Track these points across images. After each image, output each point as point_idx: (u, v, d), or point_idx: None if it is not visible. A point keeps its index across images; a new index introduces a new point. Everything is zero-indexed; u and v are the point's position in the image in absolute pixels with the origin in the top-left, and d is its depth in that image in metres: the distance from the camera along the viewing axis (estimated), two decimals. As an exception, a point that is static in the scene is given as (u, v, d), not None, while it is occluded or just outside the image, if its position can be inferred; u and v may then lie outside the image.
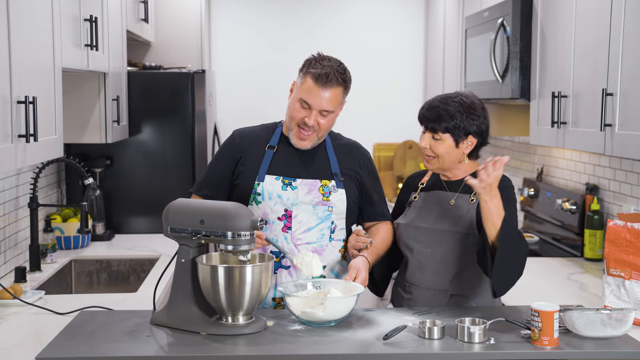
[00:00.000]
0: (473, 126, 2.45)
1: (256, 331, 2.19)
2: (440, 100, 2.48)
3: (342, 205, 2.56)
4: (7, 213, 3.13)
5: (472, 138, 2.47)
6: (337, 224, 2.58)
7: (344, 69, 2.51)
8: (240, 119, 5.64)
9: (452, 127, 2.43)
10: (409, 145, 5.75)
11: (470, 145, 2.48)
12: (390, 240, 2.63)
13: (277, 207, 2.53)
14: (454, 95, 2.49)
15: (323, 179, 2.56)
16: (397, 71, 5.81)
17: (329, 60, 2.50)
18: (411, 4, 5.79)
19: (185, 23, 5.00)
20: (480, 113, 2.47)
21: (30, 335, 2.31)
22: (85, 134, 3.59)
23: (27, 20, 2.42)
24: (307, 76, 2.47)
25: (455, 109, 2.44)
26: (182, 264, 2.27)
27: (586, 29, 2.82)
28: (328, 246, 2.56)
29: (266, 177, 2.54)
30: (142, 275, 3.50)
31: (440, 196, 2.54)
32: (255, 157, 2.58)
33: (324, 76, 2.44)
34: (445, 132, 2.44)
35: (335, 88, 2.47)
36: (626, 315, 2.14)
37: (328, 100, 2.46)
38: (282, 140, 2.60)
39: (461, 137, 2.45)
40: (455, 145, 2.46)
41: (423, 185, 2.62)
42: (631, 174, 3.14)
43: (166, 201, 2.39)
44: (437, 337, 2.13)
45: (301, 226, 2.53)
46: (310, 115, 2.47)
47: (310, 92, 2.46)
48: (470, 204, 2.47)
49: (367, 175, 2.64)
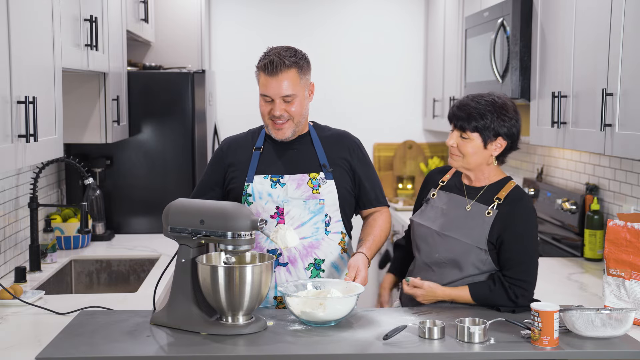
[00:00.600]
0: (503, 128, 2.37)
1: (256, 331, 2.19)
2: (472, 99, 2.40)
3: (333, 197, 2.56)
4: (7, 213, 3.13)
5: (502, 140, 2.39)
6: (332, 217, 2.57)
7: (293, 51, 2.52)
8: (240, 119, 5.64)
9: (481, 127, 2.36)
10: (409, 145, 5.75)
11: (499, 148, 2.40)
12: (388, 229, 2.63)
13: (268, 205, 2.54)
14: (487, 94, 2.42)
15: (311, 172, 2.57)
16: (397, 71, 5.80)
17: (274, 49, 2.54)
18: (411, 4, 5.79)
19: (185, 23, 5.00)
20: (512, 115, 2.39)
21: (30, 335, 2.31)
22: (85, 134, 3.59)
23: (27, 20, 2.42)
24: (260, 71, 2.52)
25: (486, 108, 2.36)
26: (182, 264, 2.27)
27: (586, 29, 2.82)
28: (325, 239, 2.56)
29: (255, 177, 2.56)
30: (142, 275, 3.50)
31: (458, 200, 2.48)
32: (243, 160, 2.61)
33: (269, 64, 2.48)
34: (473, 132, 2.37)
35: (286, 71, 2.48)
36: (626, 315, 2.14)
37: (284, 86, 2.48)
38: (267, 140, 2.63)
39: (490, 138, 2.37)
40: (484, 146, 2.38)
41: (443, 184, 2.55)
42: (631, 174, 3.14)
43: (166, 201, 2.39)
44: (437, 337, 2.13)
45: (294, 222, 2.53)
46: (275, 106, 2.50)
47: (264, 85, 2.50)
48: (486, 217, 2.39)
49: (358, 162, 2.64)
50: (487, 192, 2.44)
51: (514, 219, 2.37)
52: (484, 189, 2.45)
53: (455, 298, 2.42)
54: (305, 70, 2.53)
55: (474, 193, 2.47)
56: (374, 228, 2.60)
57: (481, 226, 2.39)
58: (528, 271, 2.37)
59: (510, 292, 2.35)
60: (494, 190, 2.44)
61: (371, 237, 2.58)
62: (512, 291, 2.35)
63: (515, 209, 2.38)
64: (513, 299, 2.35)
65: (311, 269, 2.55)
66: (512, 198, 2.40)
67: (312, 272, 2.55)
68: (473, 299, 2.39)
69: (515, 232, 2.36)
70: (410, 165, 5.75)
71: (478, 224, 2.40)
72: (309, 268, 2.55)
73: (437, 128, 5.29)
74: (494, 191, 2.43)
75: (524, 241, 2.37)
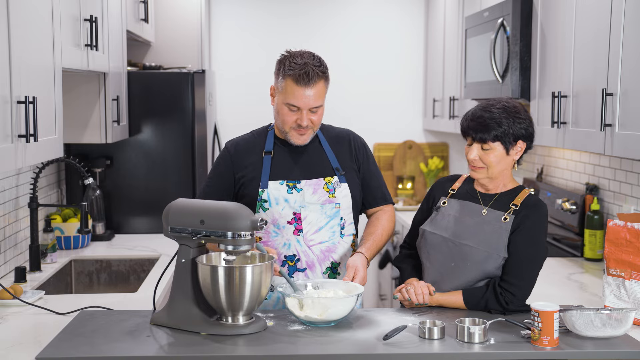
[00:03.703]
0: (521, 130, 2.35)
1: (256, 331, 2.19)
2: (483, 109, 2.36)
3: (348, 201, 2.57)
4: (7, 213, 3.14)
5: (522, 143, 2.37)
6: (346, 219, 2.58)
7: (319, 60, 2.48)
8: (240, 118, 5.65)
9: (501, 135, 2.32)
10: (409, 145, 5.75)
11: (519, 151, 2.38)
12: (390, 228, 2.62)
13: (285, 211, 2.52)
14: (495, 101, 2.38)
15: (326, 177, 2.56)
16: (397, 71, 5.80)
17: (301, 56, 2.47)
18: (411, 4, 5.79)
19: (185, 23, 5.00)
20: (525, 116, 2.37)
21: (30, 335, 2.31)
22: (85, 134, 3.59)
23: (27, 20, 2.42)
24: (287, 79, 2.44)
25: (501, 115, 2.33)
26: (182, 264, 2.27)
27: (586, 29, 2.82)
28: (340, 242, 2.57)
29: (269, 183, 2.53)
30: (142, 275, 3.50)
31: (472, 208, 2.44)
32: (253, 165, 2.57)
33: (305, 75, 2.42)
34: (495, 141, 2.33)
35: (318, 83, 2.45)
36: (626, 315, 2.14)
37: (314, 97, 2.45)
38: (277, 143, 2.60)
39: (511, 144, 2.34)
40: (506, 153, 2.35)
41: (454, 192, 2.51)
42: (631, 174, 3.15)
43: (166, 201, 2.38)
44: (437, 337, 2.13)
45: (312, 227, 2.53)
46: (302, 116, 2.46)
47: (294, 95, 2.44)
48: (503, 223, 2.36)
49: (364, 161, 2.64)
50: (501, 198, 2.42)
51: (527, 224, 2.35)
52: (497, 196, 2.43)
53: (445, 304, 2.40)
54: (329, 79, 2.52)
55: (488, 200, 2.43)
56: (375, 228, 2.60)
57: (498, 233, 2.35)
58: (525, 276, 2.33)
59: (501, 298, 2.32)
60: (509, 196, 2.41)
61: (372, 237, 2.57)
62: (504, 298, 2.32)
63: (531, 214, 2.36)
64: (503, 305, 2.33)
65: (328, 273, 2.56)
66: (528, 204, 2.38)
67: (329, 275, 2.55)
68: (465, 303, 2.37)
69: (526, 236, 2.34)
70: (410, 165, 5.75)
71: (495, 231, 2.36)
72: (326, 272, 2.55)
73: (437, 128, 5.29)
74: (509, 198, 2.41)
75: (532, 246, 2.35)
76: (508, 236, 2.34)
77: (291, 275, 2.53)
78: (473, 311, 2.37)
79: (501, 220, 2.37)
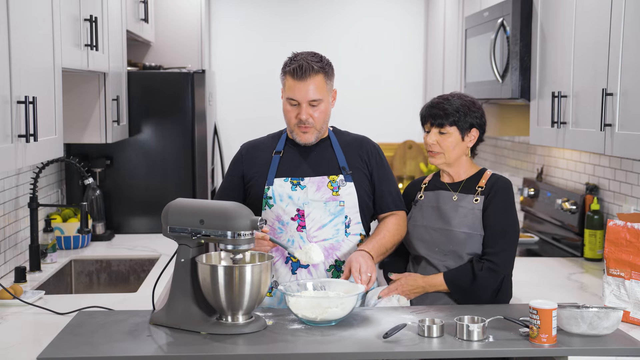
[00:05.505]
0: (475, 119, 2.59)
1: (256, 330, 2.19)
2: (442, 99, 2.61)
3: (353, 199, 2.58)
4: (7, 213, 3.14)
5: (475, 131, 2.60)
6: (352, 218, 2.59)
7: (319, 57, 2.58)
8: (240, 118, 5.66)
9: (457, 120, 2.56)
10: (409, 145, 5.75)
11: (473, 139, 2.61)
12: (398, 231, 2.62)
13: (289, 207, 2.56)
14: (452, 94, 2.64)
15: (331, 175, 2.59)
16: (397, 71, 5.81)
17: (300, 54, 2.59)
18: (411, 4, 5.79)
19: (185, 23, 5.01)
20: (478, 108, 2.62)
21: (30, 335, 2.31)
22: (85, 134, 3.59)
23: (27, 20, 2.42)
24: (286, 76, 2.57)
25: (458, 104, 2.58)
26: (181, 263, 2.27)
27: (586, 29, 2.82)
28: (345, 241, 2.58)
29: (275, 180, 2.59)
30: (142, 275, 3.50)
31: (444, 195, 2.63)
32: (263, 164, 2.64)
33: (299, 69, 2.52)
34: (452, 125, 2.56)
35: (314, 76, 2.53)
36: (607, 314, 2.13)
37: (311, 90, 2.53)
38: (288, 144, 2.67)
39: (465, 130, 2.58)
40: (461, 138, 2.58)
41: (426, 185, 2.70)
42: (631, 174, 3.15)
43: (166, 201, 2.39)
44: (437, 335, 2.14)
45: (315, 224, 2.55)
46: (302, 110, 2.54)
47: (292, 89, 2.54)
48: (475, 204, 2.56)
49: (376, 166, 2.67)
50: (467, 184, 2.62)
51: (495, 200, 2.55)
52: (463, 182, 2.63)
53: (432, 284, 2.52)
54: (330, 76, 2.60)
55: (456, 188, 2.63)
56: (379, 229, 2.61)
57: (473, 212, 2.54)
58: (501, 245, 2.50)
59: (476, 267, 2.47)
60: (473, 181, 2.62)
61: (374, 237, 2.58)
62: (479, 266, 2.47)
63: (498, 190, 2.56)
64: (476, 272, 2.46)
65: (332, 270, 2.57)
66: (493, 183, 2.59)
67: (332, 273, 2.57)
68: (445, 281, 2.50)
69: (496, 209, 2.53)
70: (410, 165, 5.75)
71: (469, 212, 2.55)
72: (330, 269, 2.57)
73: (437, 128, 5.28)
74: (474, 182, 2.61)
75: (504, 218, 2.53)
76: (482, 215, 2.53)
77: (294, 272, 2.56)
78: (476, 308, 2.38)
79: (473, 202, 2.56)
